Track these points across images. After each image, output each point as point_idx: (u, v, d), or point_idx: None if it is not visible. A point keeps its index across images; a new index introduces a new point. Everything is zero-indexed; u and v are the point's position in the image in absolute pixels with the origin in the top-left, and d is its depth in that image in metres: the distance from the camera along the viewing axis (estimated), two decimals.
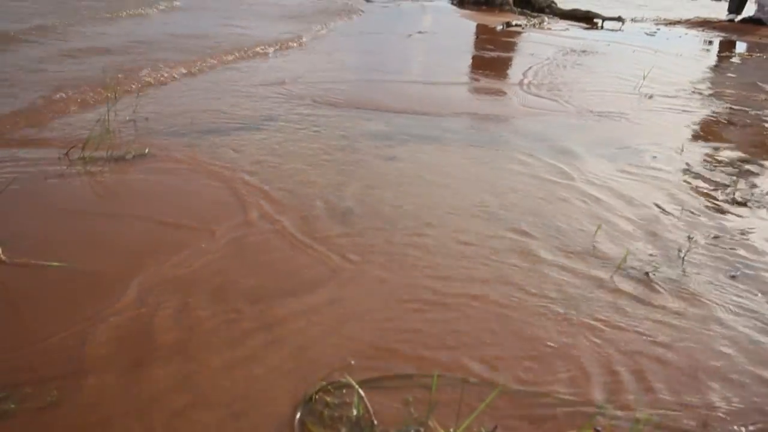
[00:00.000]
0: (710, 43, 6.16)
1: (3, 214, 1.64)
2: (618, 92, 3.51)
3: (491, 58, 4.90)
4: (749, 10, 7.46)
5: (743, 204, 1.97)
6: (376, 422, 1.00)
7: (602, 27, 7.01)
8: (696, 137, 2.74)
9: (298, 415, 1.01)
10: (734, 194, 2.04)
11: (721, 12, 7.97)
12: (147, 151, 2.11)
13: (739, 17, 7.45)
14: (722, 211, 1.91)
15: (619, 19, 7.13)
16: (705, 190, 2.07)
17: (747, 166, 2.34)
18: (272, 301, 1.32)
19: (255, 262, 1.48)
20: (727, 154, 2.47)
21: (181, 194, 1.83)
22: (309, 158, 2.16)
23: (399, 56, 4.44)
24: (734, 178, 2.19)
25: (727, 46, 6.02)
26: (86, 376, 1.08)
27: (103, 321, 1.22)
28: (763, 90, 3.81)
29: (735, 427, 1.04)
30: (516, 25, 6.52)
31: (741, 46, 6.01)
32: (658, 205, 1.91)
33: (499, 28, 6.29)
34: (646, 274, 1.50)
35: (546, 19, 7.34)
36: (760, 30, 6.81)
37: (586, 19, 7.40)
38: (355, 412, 1.02)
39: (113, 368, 1.10)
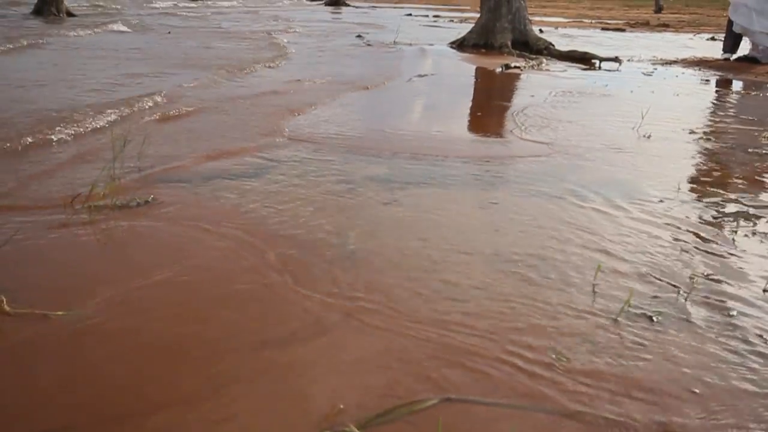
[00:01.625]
0: (707, 81, 6.25)
1: (6, 265, 1.66)
2: (617, 133, 3.55)
3: (491, 101, 4.98)
4: (743, 49, 7.58)
5: (743, 243, 1.97)
6: None
7: (600, 68, 7.12)
8: (695, 177, 2.76)
9: None
10: (734, 234, 2.04)
11: (716, 51, 8.11)
12: (151, 198, 2.14)
13: (735, 56, 7.57)
14: (720, 251, 1.91)
15: (616, 59, 7.25)
16: (704, 231, 2.08)
17: (745, 206, 2.35)
18: (273, 349, 1.32)
19: (256, 310, 1.48)
20: (725, 194, 2.48)
21: (183, 242, 1.84)
22: (311, 203, 2.19)
23: (399, 100, 4.50)
24: (733, 217, 2.20)
25: (723, 85, 6.10)
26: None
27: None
28: (761, 128, 3.84)
29: None
30: (515, 67, 6.63)
31: (737, 85, 6.09)
32: (657, 244, 1.92)
33: (499, 70, 6.40)
34: (650, 317, 1.50)
35: (544, 60, 7.47)
36: (755, 68, 6.91)
37: (584, 60, 7.52)
38: None
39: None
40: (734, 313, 1.53)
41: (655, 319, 1.49)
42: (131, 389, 1.18)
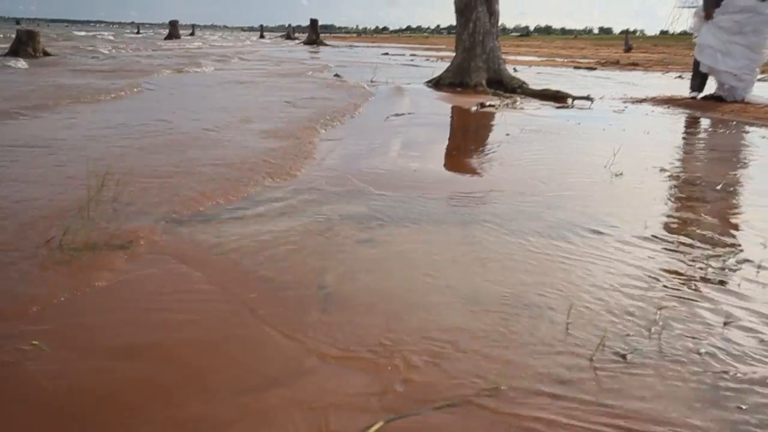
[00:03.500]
0: (676, 120, 6.42)
1: None
2: (589, 170, 3.62)
3: (466, 139, 5.07)
4: (710, 87, 7.83)
5: (715, 281, 2.01)
6: None
7: (572, 105, 7.29)
8: (666, 215, 2.82)
9: None
10: (706, 271, 2.09)
11: (684, 90, 8.36)
12: (129, 241, 2.12)
13: (702, 95, 7.82)
14: (695, 289, 1.94)
15: (588, 98, 7.44)
16: (675, 268, 2.12)
17: (716, 243, 2.40)
18: (249, 395, 1.30)
19: (234, 355, 1.47)
20: (695, 231, 2.54)
21: (159, 284, 1.83)
22: (288, 243, 2.19)
23: (377, 139, 4.55)
24: (704, 255, 2.25)
25: (692, 123, 6.28)
26: None
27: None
28: (728, 166, 3.95)
29: None
30: (490, 106, 6.77)
31: (705, 122, 6.27)
32: (628, 283, 1.95)
33: (474, 109, 6.52)
34: (623, 356, 1.51)
35: (519, 99, 7.64)
36: (721, 107, 7.12)
37: (557, 98, 7.71)
38: None
39: None
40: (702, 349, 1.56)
41: (628, 357, 1.51)
42: None
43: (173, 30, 33.65)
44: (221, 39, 40.99)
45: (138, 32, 46.51)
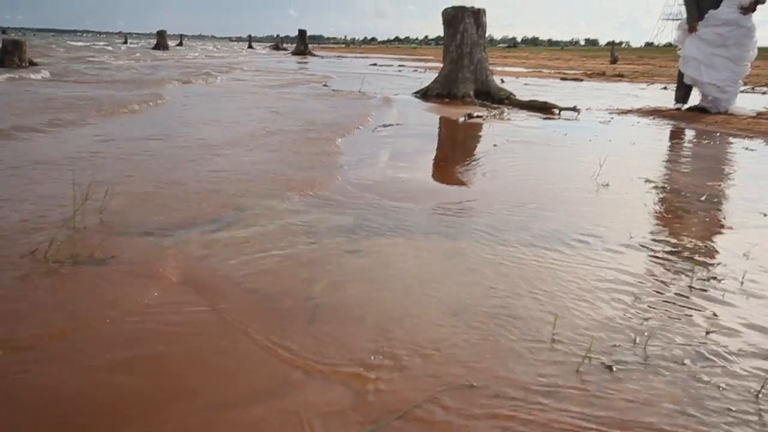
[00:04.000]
0: (661, 130, 6.49)
1: None
2: (576, 181, 3.65)
3: (454, 150, 5.09)
4: (695, 99, 7.93)
5: (699, 292, 2.03)
6: None
7: (559, 116, 7.35)
8: (652, 225, 2.84)
9: None
10: (691, 281, 2.11)
11: (668, 101, 8.46)
12: (112, 257, 2.11)
13: (686, 106, 7.92)
14: (679, 301, 1.96)
15: (574, 109, 7.50)
16: (660, 278, 2.14)
17: (701, 255, 2.43)
18: (236, 409, 1.30)
19: (219, 367, 1.46)
20: (680, 242, 2.56)
21: (144, 297, 1.82)
22: (275, 254, 2.19)
23: (366, 150, 4.56)
24: (689, 264, 2.27)
25: (677, 134, 6.35)
26: None
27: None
28: (712, 176, 4.00)
29: None
30: (478, 117, 6.81)
31: (690, 133, 6.34)
32: (614, 295, 1.96)
33: (462, 120, 6.56)
34: (609, 367, 1.52)
35: (506, 110, 7.69)
36: (705, 118, 7.22)
37: (544, 109, 7.77)
38: None
39: None
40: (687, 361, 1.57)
41: (614, 368, 1.52)
42: None
43: (161, 40, 33.58)
44: (215, 49, 41.14)
45: (125, 42, 46.27)
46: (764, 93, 11.46)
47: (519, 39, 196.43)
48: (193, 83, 10.42)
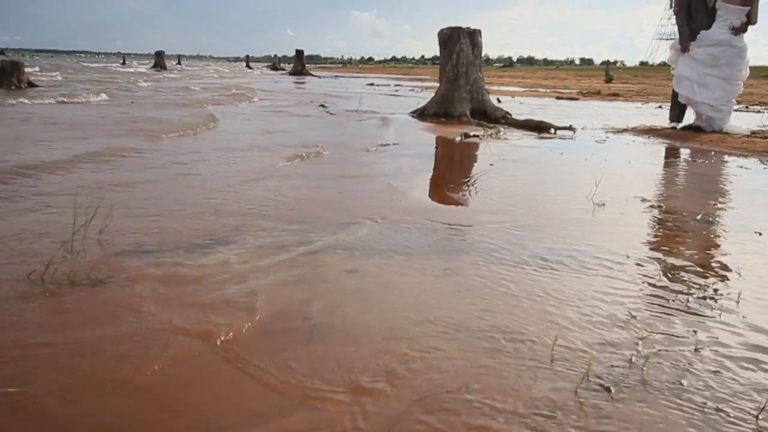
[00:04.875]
0: (656, 149, 6.54)
1: None
2: (572, 200, 3.67)
3: (451, 170, 5.12)
4: (689, 117, 8.00)
5: (696, 312, 2.04)
6: None
7: (555, 135, 7.40)
8: (649, 244, 2.86)
9: None
10: (687, 300, 2.11)
11: (663, 120, 8.53)
12: (111, 278, 2.11)
13: (681, 125, 7.99)
14: (675, 318, 1.97)
15: (570, 128, 7.56)
16: (656, 297, 2.14)
17: (696, 272, 2.44)
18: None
19: (217, 392, 1.46)
20: (675, 259, 2.58)
21: (137, 317, 1.82)
22: (272, 273, 2.19)
23: (362, 171, 4.59)
24: (685, 283, 2.28)
25: (672, 153, 6.39)
26: None
27: None
28: (708, 195, 4.03)
29: None
30: (474, 136, 6.85)
31: (685, 152, 6.39)
32: (612, 313, 1.97)
33: (458, 139, 6.60)
34: (607, 388, 1.52)
35: (502, 129, 7.74)
36: (700, 137, 7.28)
37: (540, 128, 7.82)
38: None
39: None
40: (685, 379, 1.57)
41: (612, 389, 1.52)
42: None
43: (159, 60, 33.83)
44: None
45: (124, 63, 46.40)
46: (758, 112, 11.56)
47: (515, 58, 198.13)
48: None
